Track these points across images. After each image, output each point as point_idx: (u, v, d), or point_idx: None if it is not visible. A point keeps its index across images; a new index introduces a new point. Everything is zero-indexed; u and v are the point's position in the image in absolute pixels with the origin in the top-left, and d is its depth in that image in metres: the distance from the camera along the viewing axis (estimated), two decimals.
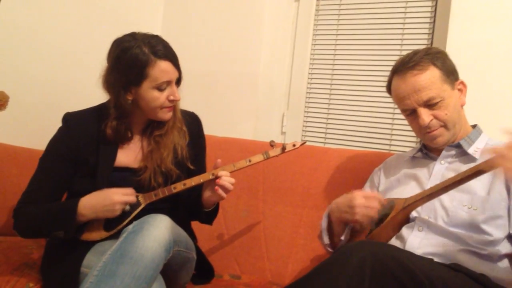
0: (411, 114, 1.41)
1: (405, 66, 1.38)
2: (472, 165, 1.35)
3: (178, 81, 1.52)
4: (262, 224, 1.89)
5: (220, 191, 1.47)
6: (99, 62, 1.49)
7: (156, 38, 1.48)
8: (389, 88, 1.48)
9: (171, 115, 1.53)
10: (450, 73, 1.39)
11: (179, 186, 1.49)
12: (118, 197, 1.41)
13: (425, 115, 1.36)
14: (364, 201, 1.32)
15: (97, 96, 1.51)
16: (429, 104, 1.36)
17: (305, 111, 2.40)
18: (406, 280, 1.01)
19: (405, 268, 1.03)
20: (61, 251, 1.44)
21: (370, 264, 1.03)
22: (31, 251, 1.63)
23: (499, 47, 1.77)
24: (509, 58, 1.76)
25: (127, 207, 1.43)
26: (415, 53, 1.40)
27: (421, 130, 1.40)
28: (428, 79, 1.35)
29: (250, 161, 1.53)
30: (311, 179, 1.87)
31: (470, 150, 1.39)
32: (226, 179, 1.47)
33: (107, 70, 1.49)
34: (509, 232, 1.28)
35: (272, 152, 1.55)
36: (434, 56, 1.38)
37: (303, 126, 2.41)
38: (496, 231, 1.27)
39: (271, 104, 2.42)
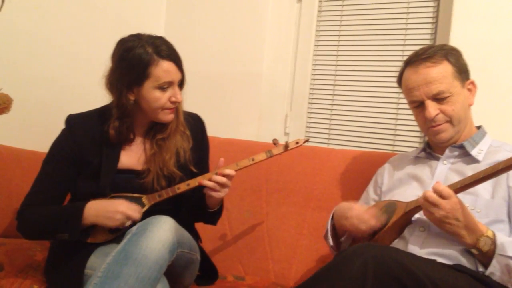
0: (418, 106, 1.41)
1: (419, 57, 1.39)
2: (474, 166, 1.35)
3: (181, 84, 1.52)
4: (265, 225, 1.89)
5: (212, 192, 1.47)
6: (102, 64, 1.49)
7: (161, 39, 1.48)
8: (399, 80, 1.48)
9: (172, 117, 1.52)
10: (462, 71, 1.40)
11: (183, 187, 1.49)
12: (123, 208, 1.40)
13: (432, 108, 1.36)
14: (357, 215, 1.33)
15: (100, 98, 1.51)
16: (438, 98, 1.36)
17: (308, 112, 2.40)
18: (409, 283, 1.01)
19: (407, 270, 1.03)
20: (65, 253, 1.44)
21: (373, 267, 1.03)
22: (35, 253, 1.63)
23: (502, 47, 1.76)
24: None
25: (128, 223, 1.41)
26: (430, 47, 1.42)
27: (426, 124, 1.40)
28: (440, 72, 1.36)
29: (253, 159, 1.52)
30: (314, 180, 1.87)
31: (473, 152, 1.39)
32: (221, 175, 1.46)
33: (110, 70, 1.49)
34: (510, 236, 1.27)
35: (275, 150, 1.54)
36: (448, 52, 1.40)
37: (306, 127, 2.40)
38: None
39: (274, 105, 2.42)
